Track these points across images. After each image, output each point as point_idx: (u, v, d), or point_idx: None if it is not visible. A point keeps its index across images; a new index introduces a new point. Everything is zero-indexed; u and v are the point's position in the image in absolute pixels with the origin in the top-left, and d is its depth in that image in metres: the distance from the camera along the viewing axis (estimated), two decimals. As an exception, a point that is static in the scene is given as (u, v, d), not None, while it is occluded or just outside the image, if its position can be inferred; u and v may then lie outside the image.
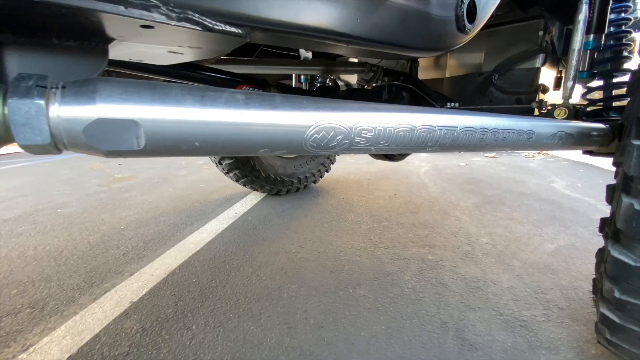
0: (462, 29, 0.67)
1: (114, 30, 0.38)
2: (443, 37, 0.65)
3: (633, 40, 1.17)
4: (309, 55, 2.05)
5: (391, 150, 0.54)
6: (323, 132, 0.45)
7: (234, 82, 1.44)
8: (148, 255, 1.71)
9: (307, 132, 0.43)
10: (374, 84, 1.78)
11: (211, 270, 1.55)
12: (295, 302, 1.30)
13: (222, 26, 0.38)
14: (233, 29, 0.39)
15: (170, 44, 0.44)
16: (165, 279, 1.48)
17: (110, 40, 0.41)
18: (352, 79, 2.27)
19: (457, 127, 0.59)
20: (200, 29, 0.37)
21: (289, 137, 0.42)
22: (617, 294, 0.70)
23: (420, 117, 0.54)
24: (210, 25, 0.37)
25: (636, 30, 1.17)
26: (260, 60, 1.69)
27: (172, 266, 1.59)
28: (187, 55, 0.51)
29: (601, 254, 0.84)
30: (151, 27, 0.37)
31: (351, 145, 0.48)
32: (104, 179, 3.49)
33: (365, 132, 0.48)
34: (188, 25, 0.37)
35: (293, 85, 2.29)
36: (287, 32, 0.43)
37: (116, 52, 0.48)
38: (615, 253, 0.69)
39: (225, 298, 1.33)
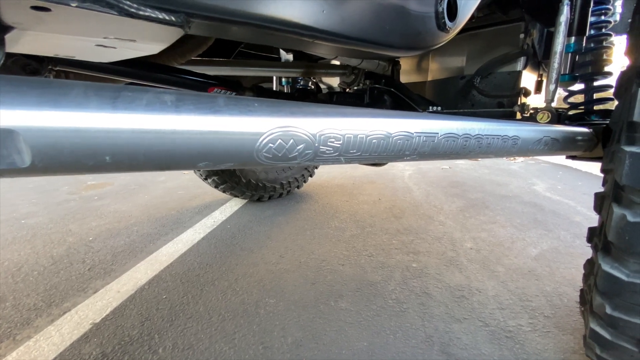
0: (442, 27, 0.62)
1: (3, 15, 0.31)
2: (422, 35, 0.59)
3: (612, 43, 1.15)
4: (290, 57, 1.99)
5: (364, 160, 0.47)
6: (280, 140, 0.38)
7: (207, 84, 1.36)
8: (116, 270, 1.59)
9: (260, 141, 0.36)
10: (355, 87, 1.74)
11: (184, 284, 1.45)
12: (272, 319, 1.22)
13: (147, 11, 0.31)
14: (164, 16, 0.32)
15: (90, 35, 0.36)
16: (133, 295, 1.37)
17: (5, 28, 0.33)
18: (335, 82, 2.22)
19: (437, 133, 0.54)
20: (116, 13, 0.30)
21: (236, 147, 0.35)
22: (608, 310, 0.65)
23: (397, 123, 0.48)
24: (131, 10, 0.30)
25: (616, 34, 1.16)
26: (236, 61, 1.61)
27: (142, 281, 1.48)
28: (121, 50, 0.43)
29: (590, 266, 0.80)
30: (47, 9, 0.29)
31: (316, 155, 0.42)
32: (76, 186, 3.30)
33: (333, 140, 0.41)
34: (98, 8, 0.29)
35: (274, 88, 2.22)
36: (236, 22, 0.37)
37: (29, 45, 0.39)
38: (606, 267, 0.65)
39: (197, 316, 1.24)
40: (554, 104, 1.12)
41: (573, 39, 1.07)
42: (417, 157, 0.53)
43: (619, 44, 1.22)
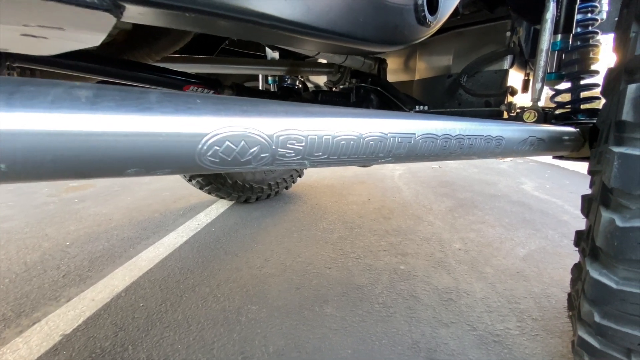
0: (422, 21, 0.58)
1: None
2: (400, 28, 0.55)
3: (599, 41, 1.14)
4: (276, 55, 1.94)
5: (333, 164, 0.43)
6: (227, 142, 0.33)
7: (184, 82, 1.30)
8: (92, 277, 1.52)
9: (202, 144, 0.31)
10: (341, 86, 1.70)
11: (162, 291, 1.39)
12: (254, 327, 1.17)
13: (61, -9, 0.26)
14: None
15: (5, 22, 0.31)
16: (108, 304, 1.31)
17: None
18: (321, 80, 2.18)
19: (414, 134, 0.50)
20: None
21: (172, 151, 0.30)
22: (597, 319, 0.63)
23: (368, 123, 0.43)
24: None
25: (602, 33, 1.15)
26: (217, 59, 1.56)
27: (118, 288, 1.41)
28: (56, 42, 0.38)
29: (577, 271, 0.78)
30: None
31: (274, 159, 0.37)
32: (56, 188, 3.19)
33: (293, 142, 0.37)
34: None
35: (260, 87, 2.17)
36: (177, 7, 0.32)
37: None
38: (594, 274, 0.62)
39: (174, 325, 1.18)
40: (541, 103, 1.10)
41: (559, 36, 1.05)
42: (393, 159, 0.49)
43: (604, 43, 1.21)
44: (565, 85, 1.22)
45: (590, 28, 1.10)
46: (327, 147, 0.40)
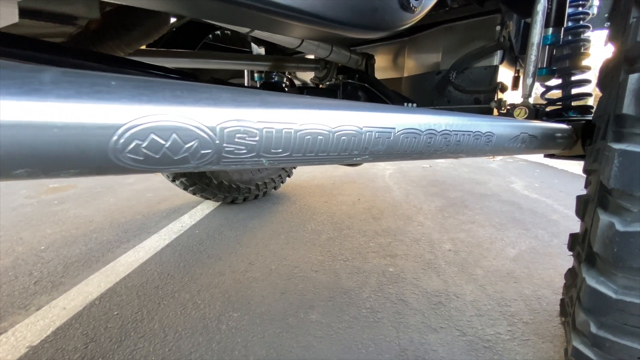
0: (405, 6, 0.53)
1: None
2: (381, 13, 0.50)
3: (590, 37, 1.11)
4: (262, 51, 1.88)
5: (298, 162, 0.37)
6: (152, 136, 0.27)
7: (166, 78, 1.23)
8: (65, 283, 1.44)
9: (117, 136, 0.25)
10: (328, 82, 1.64)
11: (140, 298, 1.32)
12: (234, 335, 1.11)
13: None
14: None
15: None
16: (80, 312, 1.23)
17: None
18: (309, 77, 2.13)
19: (394, 128, 0.44)
20: None
21: (74, 147, 0.24)
22: (593, 329, 0.58)
23: (340, 116, 0.38)
24: None
25: (593, 29, 1.12)
26: (199, 53, 1.49)
27: (93, 295, 1.34)
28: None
29: (572, 277, 0.74)
30: None
31: (220, 157, 0.31)
32: (36, 189, 3.07)
33: (244, 136, 0.31)
34: None
35: (246, 84, 2.10)
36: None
37: None
38: (591, 282, 0.58)
39: (150, 334, 1.11)
40: (530, 100, 1.06)
41: (550, 30, 1.01)
42: (370, 157, 0.44)
43: (594, 40, 1.18)
44: (555, 82, 1.19)
45: (581, 22, 1.07)
46: (288, 143, 0.34)
